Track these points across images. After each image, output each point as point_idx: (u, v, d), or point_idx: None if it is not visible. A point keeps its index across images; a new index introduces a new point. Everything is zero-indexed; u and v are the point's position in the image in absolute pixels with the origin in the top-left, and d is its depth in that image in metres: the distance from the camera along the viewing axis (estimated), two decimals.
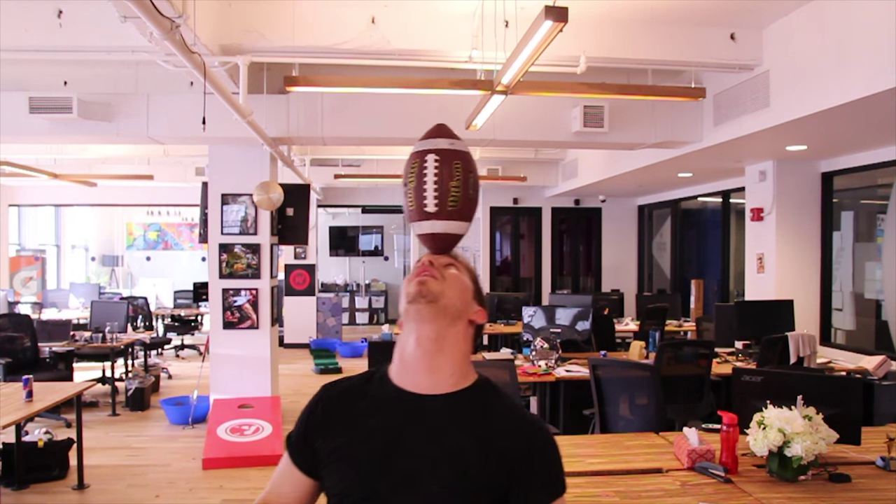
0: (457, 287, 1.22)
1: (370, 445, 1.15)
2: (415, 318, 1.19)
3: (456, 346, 1.20)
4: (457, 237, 1.29)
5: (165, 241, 13.36)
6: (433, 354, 1.18)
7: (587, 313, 5.63)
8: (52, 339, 6.40)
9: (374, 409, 1.18)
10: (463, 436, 1.14)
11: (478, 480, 1.11)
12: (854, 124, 4.52)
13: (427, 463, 1.12)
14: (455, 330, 1.20)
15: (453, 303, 1.20)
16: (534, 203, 10.86)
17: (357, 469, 1.15)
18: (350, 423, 1.18)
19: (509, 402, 1.22)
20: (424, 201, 1.26)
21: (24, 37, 3.75)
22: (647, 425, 3.35)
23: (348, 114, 5.45)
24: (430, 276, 1.21)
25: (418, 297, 1.18)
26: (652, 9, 4.22)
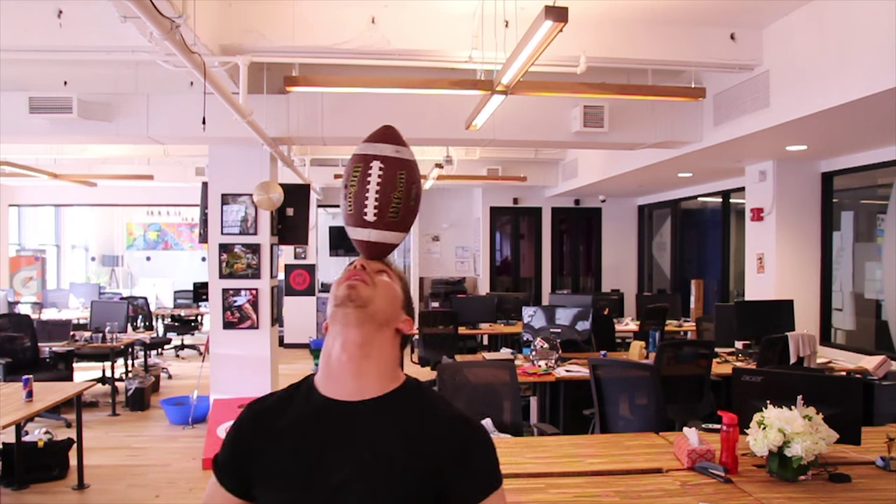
0: (387, 294, 1.22)
1: (299, 460, 1.13)
2: (341, 322, 1.17)
3: (381, 352, 1.19)
4: (392, 246, 1.29)
5: (165, 241, 13.35)
6: (359, 360, 1.16)
7: (587, 313, 5.63)
8: (52, 339, 6.40)
9: (301, 423, 1.16)
10: (392, 440, 1.12)
11: (410, 485, 1.10)
12: (854, 124, 4.52)
13: (358, 471, 1.10)
14: (382, 336, 1.19)
15: (382, 309, 1.20)
16: (534, 203, 10.86)
17: (289, 485, 1.13)
18: (277, 440, 1.16)
19: (438, 402, 1.20)
20: (364, 209, 1.26)
21: (24, 37, 3.75)
22: (647, 425, 3.35)
23: (348, 114, 5.45)
24: (361, 280, 1.20)
25: (347, 301, 1.17)
26: (652, 9, 4.22)
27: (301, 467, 1.13)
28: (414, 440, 1.12)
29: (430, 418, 1.16)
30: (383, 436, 1.13)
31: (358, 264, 1.25)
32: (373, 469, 1.10)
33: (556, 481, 2.30)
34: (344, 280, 1.21)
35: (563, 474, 2.36)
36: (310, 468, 1.12)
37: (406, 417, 1.15)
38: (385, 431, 1.13)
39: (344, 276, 1.23)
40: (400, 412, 1.16)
